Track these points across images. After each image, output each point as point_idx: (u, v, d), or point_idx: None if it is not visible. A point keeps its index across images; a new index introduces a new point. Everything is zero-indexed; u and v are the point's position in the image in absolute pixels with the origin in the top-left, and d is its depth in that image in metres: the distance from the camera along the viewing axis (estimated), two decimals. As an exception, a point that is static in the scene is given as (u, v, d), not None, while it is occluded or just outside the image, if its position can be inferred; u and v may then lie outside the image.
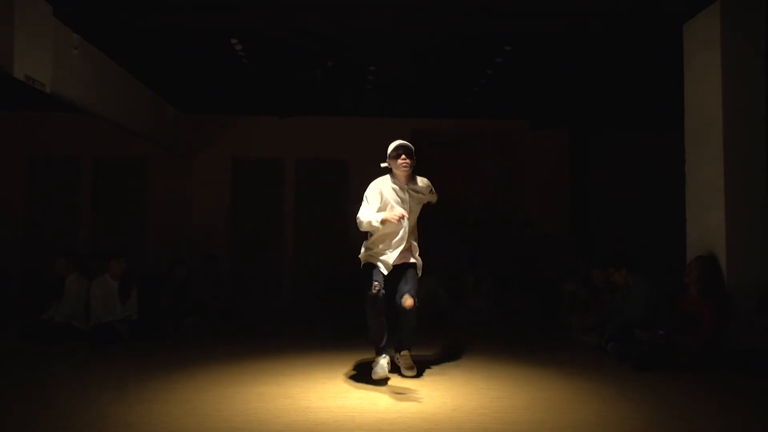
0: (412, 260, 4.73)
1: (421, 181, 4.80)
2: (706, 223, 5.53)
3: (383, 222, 4.43)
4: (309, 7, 5.74)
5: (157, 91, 8.24)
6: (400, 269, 4.69)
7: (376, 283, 4.49)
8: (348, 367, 4.96)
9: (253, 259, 9.80)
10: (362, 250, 4.76)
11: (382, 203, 4.62)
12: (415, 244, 4.75)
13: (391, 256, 4.63)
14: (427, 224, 5.13)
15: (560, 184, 9.92)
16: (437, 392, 4.17)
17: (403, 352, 4.76)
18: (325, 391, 4.18)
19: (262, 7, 5.75)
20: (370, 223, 4.48)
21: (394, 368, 4.76)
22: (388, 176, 4.73)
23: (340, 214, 9.74)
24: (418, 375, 4.66)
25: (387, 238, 4.64)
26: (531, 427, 3.40)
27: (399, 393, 4.15)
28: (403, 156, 4.60)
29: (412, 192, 4.70)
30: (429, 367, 4.94)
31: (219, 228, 9.65)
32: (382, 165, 4.74)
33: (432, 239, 5.61)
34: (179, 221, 9.59)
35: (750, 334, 5.03)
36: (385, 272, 4.61)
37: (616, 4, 5.56)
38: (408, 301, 4.44)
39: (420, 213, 4.85)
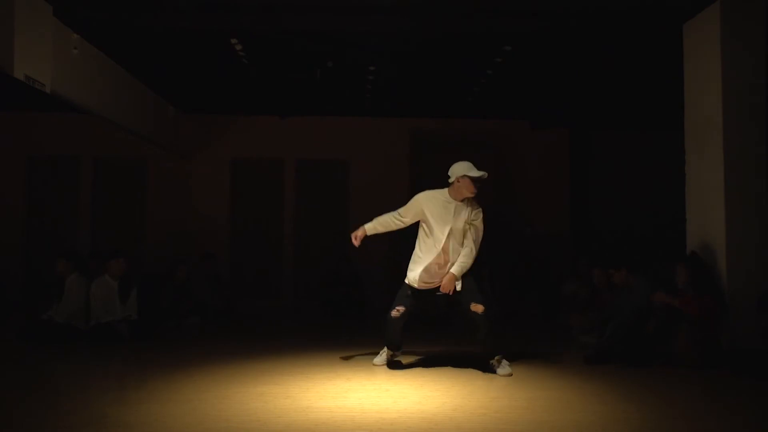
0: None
1: (473, 207, 4.77)
2: (706, 223, 5.53)
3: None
4: (309, 8, 5.74)
5: (157, 91, 8.23)
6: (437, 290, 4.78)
7: (400, 308, 4.74)
8: (348, 367, 4.96)
9: (253, 259, 9.80)
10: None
11: (424, 217, 4.77)
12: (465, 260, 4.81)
13: (417, 272, 4.75)
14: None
15: (560, 184, 9.92)
16: (437, 392, 4.17)
17: (493, 360, 4.76)
18: (325, 391, 4.18)
19: (262, 7, 5.74)
20: (375, 221, 4.85)
21: (396, 366, 4.92)
22: (444, 190, 4.80)
23: (340, 215, 9.74)
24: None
25: (426, 258, 4.78)
26: (531, 427, 3.40)
27: (399, 393, 4.15)
28: (479, 186, 4.70)
29: (459, 214, 4.73)
30: (429, 367, 4.94)
31: (219, 228, 9.65)
32: (451, 179, 4.73)
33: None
34: (179, 221, 9.58)
35: (750, 334, 5.03)
36: (408, 292, 4.79)
37: (617, 4, 5.56)
38: (477, 307, 4.67)
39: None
